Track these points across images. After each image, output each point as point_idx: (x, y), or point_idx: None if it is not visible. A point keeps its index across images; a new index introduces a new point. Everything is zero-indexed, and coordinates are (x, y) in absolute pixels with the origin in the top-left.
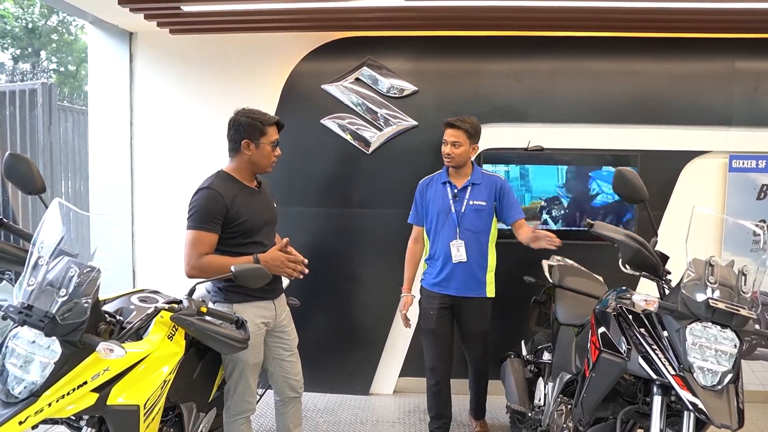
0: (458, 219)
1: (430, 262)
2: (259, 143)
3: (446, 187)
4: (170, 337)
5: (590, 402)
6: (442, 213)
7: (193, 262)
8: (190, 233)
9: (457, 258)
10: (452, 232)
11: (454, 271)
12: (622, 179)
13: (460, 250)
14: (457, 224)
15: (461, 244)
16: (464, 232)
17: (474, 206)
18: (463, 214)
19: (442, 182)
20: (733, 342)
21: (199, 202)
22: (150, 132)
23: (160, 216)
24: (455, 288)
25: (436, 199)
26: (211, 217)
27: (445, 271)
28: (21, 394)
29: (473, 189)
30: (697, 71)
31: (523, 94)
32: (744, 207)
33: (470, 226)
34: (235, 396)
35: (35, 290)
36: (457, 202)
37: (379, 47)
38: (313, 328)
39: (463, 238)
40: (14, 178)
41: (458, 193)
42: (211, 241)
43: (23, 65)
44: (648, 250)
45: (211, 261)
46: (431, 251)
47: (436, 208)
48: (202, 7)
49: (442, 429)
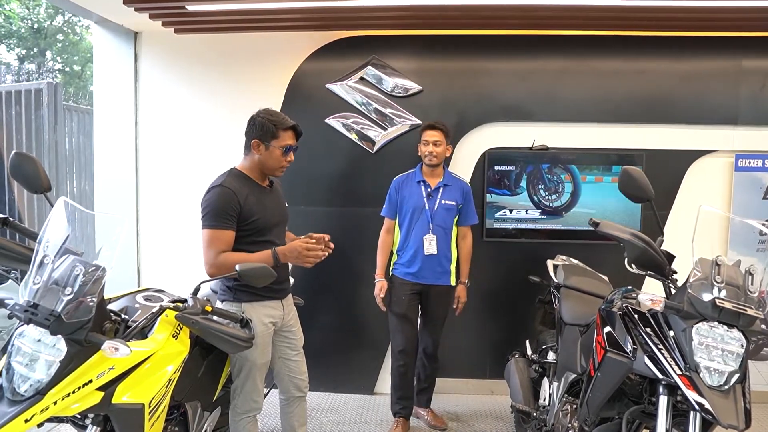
0: (431, 216)
1: (401, 253)
2: (269, 145)
3: (421, 186)
4: (175, 336)
5: (595, 402)
6: (417, 209)
7: (212, 260)
8: (207, 232)
9: (428, 251)
10: (425, 227)
11: (426, 262)
12: (628, 178)
13: (431, 243)
14: (430, 220)
15: (433, 238)
16: (436, 227)
17: (445, 205)
18: (435, 212)
19: (417, 181)
20: (740, 342)
21: (213, 200)
22: (155, 131)
23: (165, 215)
24: (426, 277)
25: (411, 197)
26: (226, 215)
27: (417, 262)
28: (27, 393)
29: (445, 189)
30: (704, 70)
31: (527, 93)
32: (750, 206)
33: (441, 222)
34: (242, 395)
35: (41, 289)
36: (430, 200)
37: (384, 46)
38: (318, 328)
39: (435, 233)
40: (20, 178)
41: (432, 192)
42: (229, 238)
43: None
44: (654, 250)
45: (231, 258)
46: (403, 243)
47: (411, 204)
48: (206, 7)
49: (406, 410)
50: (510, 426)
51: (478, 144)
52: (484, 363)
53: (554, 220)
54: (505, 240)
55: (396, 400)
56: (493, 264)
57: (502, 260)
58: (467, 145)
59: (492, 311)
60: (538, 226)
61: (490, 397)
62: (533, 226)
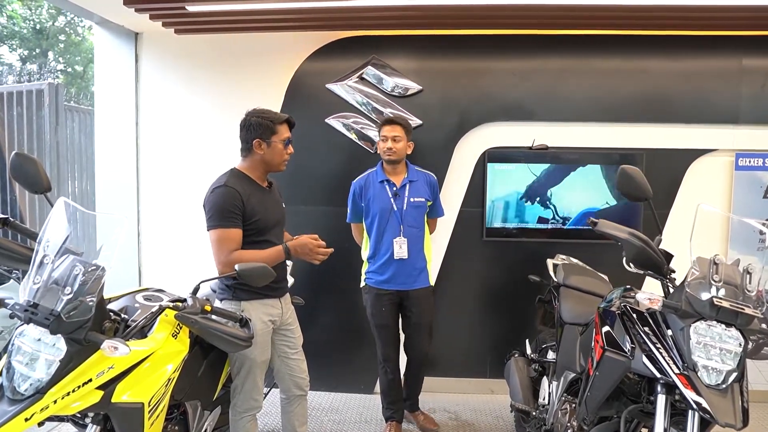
0: (401, 216)
1: (373, 260)
2: (271, 142)
3: (385, 186)
4: (175, 336)
5: (594, 401)
6: (385, 212)
7: (224, 259)
8: (215, 232)
9: (399, 255)
10: (395, 230)
11: (399, 268)
12: (626, 178)
13: (402, 247)
14: (400, 222)
15: (404, 241)
16: (407, 228)
17: (414, 203)
18: (405, 212)
19: (380, 181)
20: (738, 341)
21: (218, 200)
22: (155, 131)
23: (166, 215)
24: (402, 282)
25: (377, 199)
26: (231, 214)
27: (391, 268)
28: (27, 392)
29: (411, 186)
30: (704, 69)
31: (528, 92)
32: (751, 205)
33: (412, 222)
34: (242, 394)
35: (41, 288)
36: (398, 200)
37: (384, 46)
38: (318, 327)
39: (406, 236)
40: (21, 178)
41: (398, 191)
42: (237, 236)
43: (31, 66)
44: (652, 249)
45: (242, 255)
46: (373, 250)
47: (378, 207)
48: (206, 7)
49: (398, 414)
50: (510, 425)
51: (479, 143)
52: (484, 362)
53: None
54: (505, 239)
55: (387, 406)
56: (493, 263)
57: (502, 259)
58: (467, 144)
59: (492, 310)
60: (538, 225)
61: (490, 396)
62: (533, 225)
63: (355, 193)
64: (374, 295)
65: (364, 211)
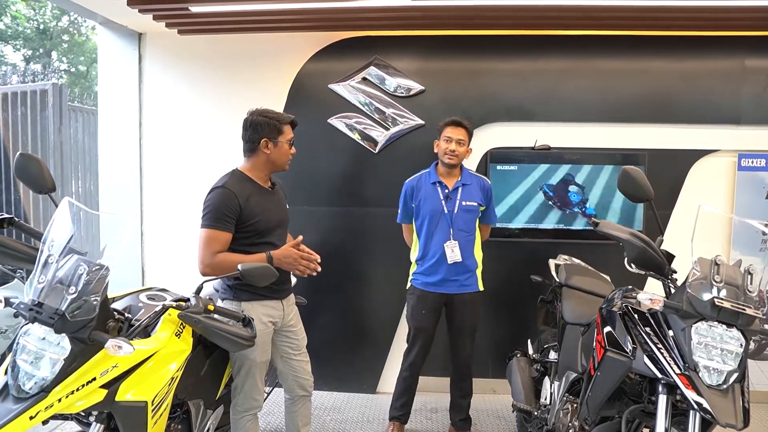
0: (451, 219)
1: (422, 262)
2: (278, 142)
3: (437, 188)
4: (178, 335)
5: (595, 401)
6: (435, 214)
7: (207, 260)
8: (204, 231)
9: (452, 259)
10: (446, 233)
11: (450, 271)
12: (628, 178)
13: (454, 250)
14: (450, 225)
15: (455, 244)
16: (457, 232)
17: (466, 207)
18: (455, 215)
19: (432, 182)
20: (739, 341)
21: (213, 201)
22: (159, 131)
23: (169, 215)
24: (450, 287)
25: (428, 200)
26: (224, 216)
27: (441, 272)
28: (32, 390)
29: (464, 189)
30: (706, 69)
31: (530, 93)
32: (753, 206)
33: (463, 226)
34: (242, 393)
35: (45, 288)
36: (449, 202)
37: (386, 47)
38: (321, 327)
39: (457, 239)
40: (25, 178)
41: (450, 194)
42: (225, 239)
43: (34, 66)
44: (653, 249)
45: (225, 259)
46: (422, 251)
47: (428, 209)
48: (210, 8)
49: (405, 416)
50: (512, 425)
51: (481, 144)
52: (486, 362)
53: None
54: (507, 239)
55: (398, 407)
56: (495, 263)
57: (504, 260)
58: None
59: (494, 311)
60: (540, 225)
61: (492, 396)
62: (535, 225)
63: (407, 193)
64: (417, 297)
65: (414, 212)
